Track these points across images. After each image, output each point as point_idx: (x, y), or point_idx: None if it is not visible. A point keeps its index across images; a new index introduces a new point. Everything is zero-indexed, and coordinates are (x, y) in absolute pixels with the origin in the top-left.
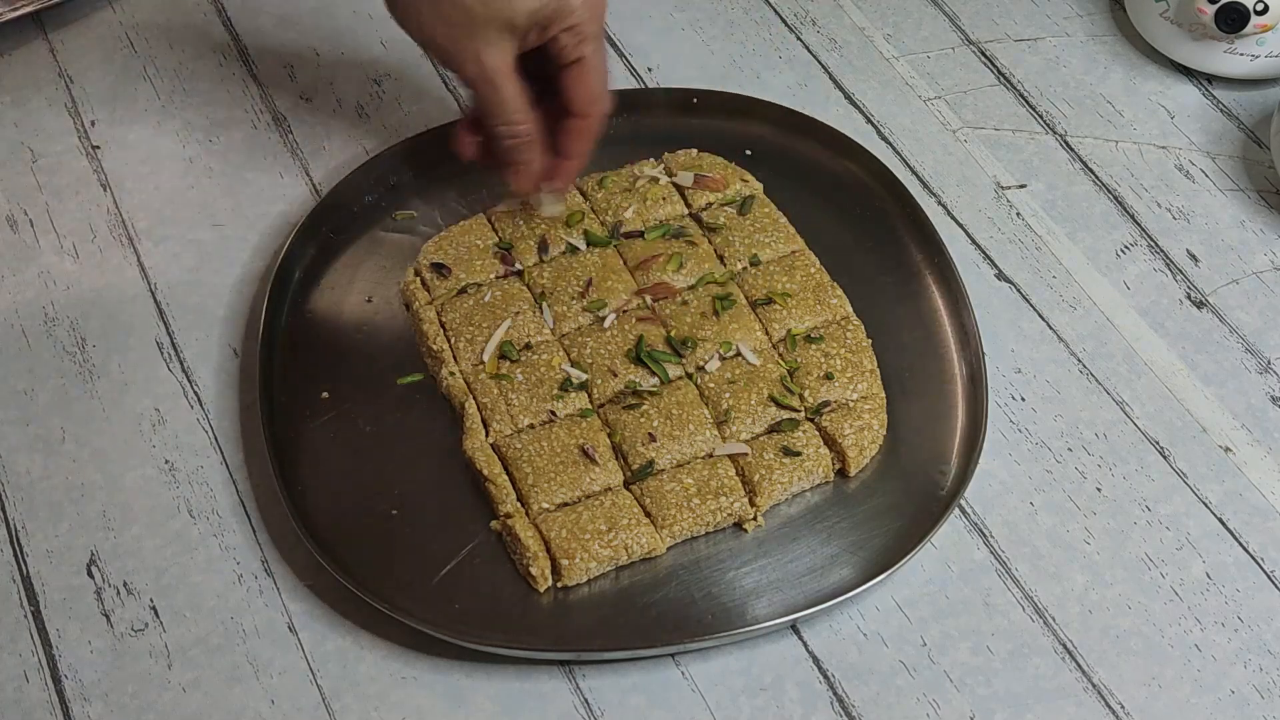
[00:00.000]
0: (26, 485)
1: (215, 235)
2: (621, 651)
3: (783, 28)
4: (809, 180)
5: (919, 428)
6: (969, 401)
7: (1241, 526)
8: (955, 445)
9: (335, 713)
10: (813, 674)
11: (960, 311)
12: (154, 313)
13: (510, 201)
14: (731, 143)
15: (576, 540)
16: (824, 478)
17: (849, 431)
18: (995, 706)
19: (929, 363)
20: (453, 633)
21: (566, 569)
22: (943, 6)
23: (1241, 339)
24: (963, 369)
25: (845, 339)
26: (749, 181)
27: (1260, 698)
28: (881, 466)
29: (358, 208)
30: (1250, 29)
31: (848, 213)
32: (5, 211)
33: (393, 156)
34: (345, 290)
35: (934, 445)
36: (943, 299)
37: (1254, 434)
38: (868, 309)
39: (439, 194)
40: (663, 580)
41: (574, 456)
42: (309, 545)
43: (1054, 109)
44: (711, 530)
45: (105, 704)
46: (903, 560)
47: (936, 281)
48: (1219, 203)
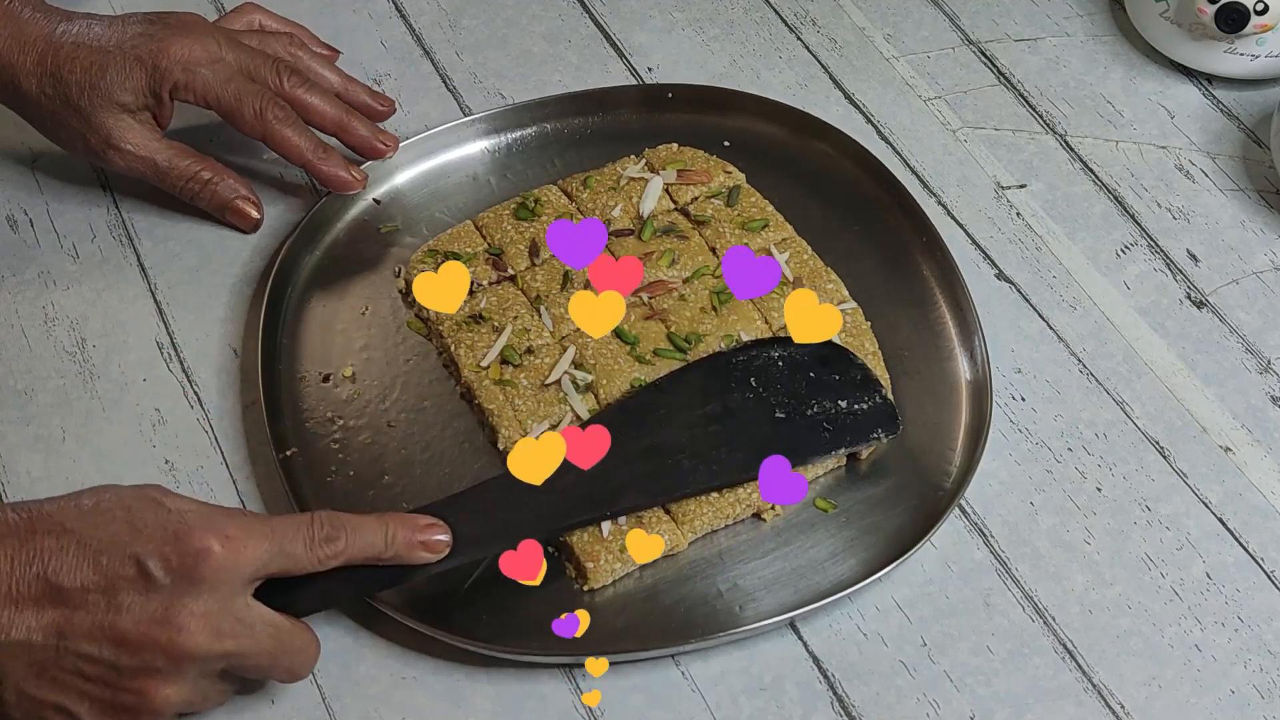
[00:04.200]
0: (27, 485)
1: (215, 235)
2: (627, 654)
3: (783, 28)
4: (789, 168)
5: (923, 418)
6: (973, 397)
7: (1241, 526)
8: (960, 438)
9: (335, 713)
10: (813, 674)
11: (955, 289)
12: (154, 313)
13: (497, 209)
14: (709, 135)
15: (600, 543)
16: (836, 461)
17: None
18: (995, 706)
19: (927, 349)
20: (481, 642)
21: (591, 572)
22: (943, 6)
23: (1241, 339)
24: (965, 360)
25: (844, 323)
26: (731, 173)
27: (1260, 698)
28: (885, 460)
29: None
30: (1250, 29)
31: (830, 197)
32: (5, 211)
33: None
34: (340, 298)
35: (938, 437)
36: (935, 279)
37: (1254, 434)
38: (860, 291)
39: (425, 206)
40: (670, 585)
41: None
42: None
43: (1054, 109)
44: (731, 523)
45: None
46: (906, 555)
47: (927, 260)
48: (1219, 203)
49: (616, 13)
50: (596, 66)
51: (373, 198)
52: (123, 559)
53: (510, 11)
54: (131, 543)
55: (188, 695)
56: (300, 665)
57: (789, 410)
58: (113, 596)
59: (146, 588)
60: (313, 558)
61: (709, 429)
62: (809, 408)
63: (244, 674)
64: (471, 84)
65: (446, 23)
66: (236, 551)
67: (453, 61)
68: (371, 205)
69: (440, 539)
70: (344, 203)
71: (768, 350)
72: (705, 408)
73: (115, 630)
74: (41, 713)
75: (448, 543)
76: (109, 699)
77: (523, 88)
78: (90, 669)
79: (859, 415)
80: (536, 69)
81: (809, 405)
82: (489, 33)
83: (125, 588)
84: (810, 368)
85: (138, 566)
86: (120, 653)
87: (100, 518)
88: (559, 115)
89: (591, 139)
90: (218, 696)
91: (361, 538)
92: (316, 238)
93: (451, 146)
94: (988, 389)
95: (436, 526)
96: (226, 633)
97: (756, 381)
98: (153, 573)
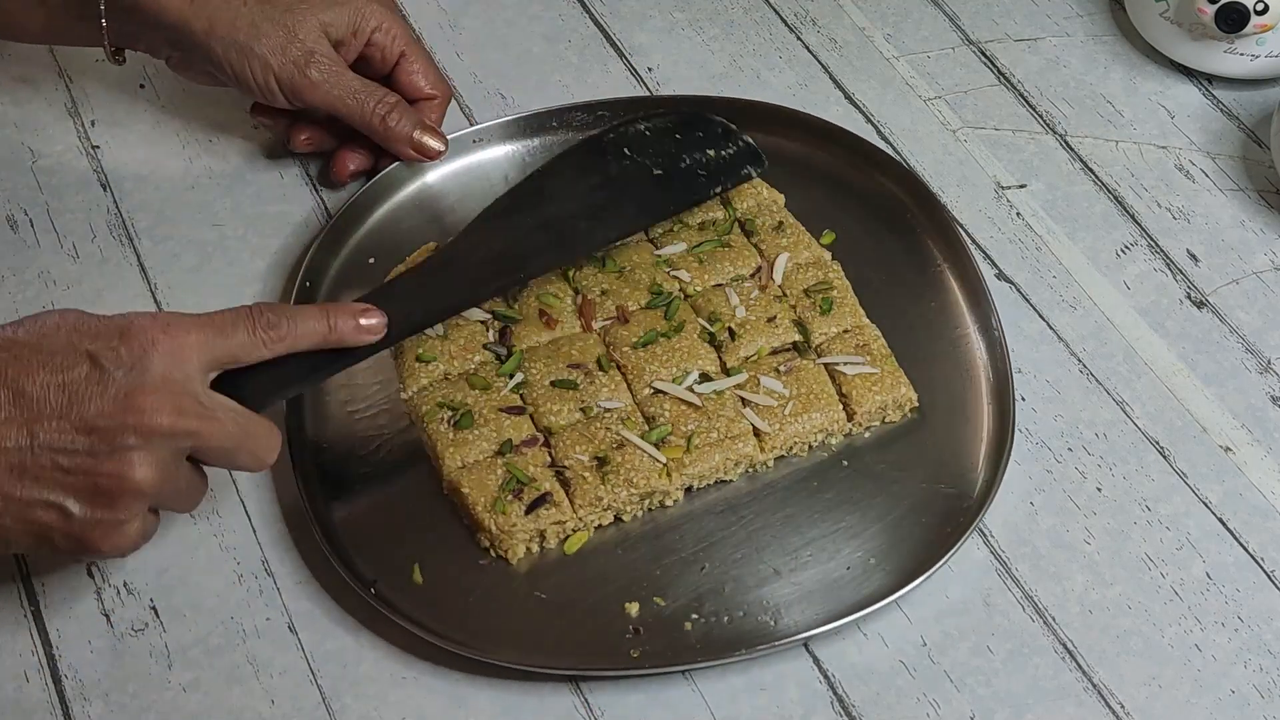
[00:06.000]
0: None
1: (215, 235)
2: (635, 670)
3: (783, 28)
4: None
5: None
6: (995, 405)
7: (1241, 526)
8: (981, 454)
9: (335, 713)
10: (813, 674)
11: (981, 306)
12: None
13: None
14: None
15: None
16: (835, 420)
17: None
18: (995, 706)
19: (950, 358)
20: (483, 650)
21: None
22: (943, 6)
23: (1241, 339)
24: (989, 375)
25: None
26: (772, 191)
27: (1260, 698)
28: (905, 477)
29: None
30: (1250, 29)
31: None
32: (5, 211)
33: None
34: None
35: (958, 450)
36: (965, 299)
37: (1254, 434)
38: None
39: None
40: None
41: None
42: (318, 542)
43: (1054, 109)
44: (724, 478)
45: (105, 704)
46: (923, 576)
47: (956, 278)
48: (1219, 203)
49: (616, 13)
50: (596, 66)
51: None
52: (78, 357)
53: (510, 12)
54: (82, 342)
55: (162, 474)
56: (265, 450)
57: (664, 167)
58: (73, 391)
59: (102, 379)
60: (256, 342)
61: (596, 195)
62: (682, 161)
63: (211, 460)
64: (472, 84)
65: (446, 23)
66: (181, 337)
67: (453, 61)
68: (404, 198)
69: (377, 321)
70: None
71: (634, 124)
72: (588, 180)
73: (81, 420)
74: (29, 513)
75: (384, 324)
76: (89, 485)
77: (523, 88)
78: (66, 460)
79: (728, 159)
80: (536, 69)
81: (681, 159)
82: (489, 33)
83: (82, 381)
84: (675, 130)
85: (90, 361)
86: (91, 439)
87: (49, 328)
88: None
89: None
90: (190, 486)
91: (303, 324)
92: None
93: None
94: (1010, 396)
95: (373, 311)
96: (189, 411)
97: (630, 150)
98: (105, 364)
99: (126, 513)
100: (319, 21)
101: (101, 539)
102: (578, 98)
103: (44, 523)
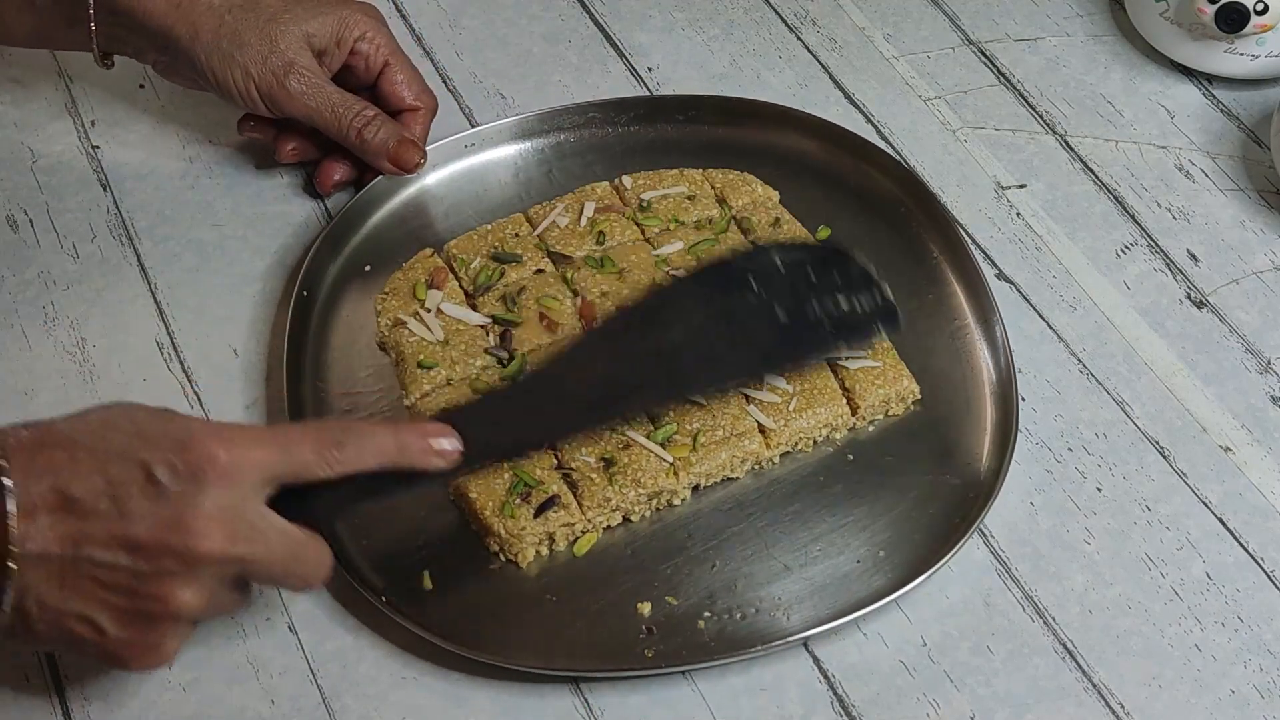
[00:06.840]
0: None
1: (215, 235)
2: (637, 670)
3: (783, 28)
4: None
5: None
6: (997, 394)
7: (1241, 526)
8: (985, 442)
9: (335, 713)
10: (813, 674)
11: (980, 299)
12: (154, 313)
13: (459, 242)
14: (719, 144)
15: (601, 475)
16: (839, 414)
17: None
18: (995, 706)
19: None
20: (484, 652)
21: (586, 493)
22: (943, 6)
23: (1241, 339)
24: (988, 365)
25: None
26: (766, 188)
27: (1260, 698)
28: (910, 454)
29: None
30: (1250, 29)
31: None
32: (5, 211)
33: None
34: (355, 309)
35: (962, 440)
36: (963, 291)
37: (1254, 434)
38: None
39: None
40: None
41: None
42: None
43: (1054, 109)
44: (730, 475)
45: (105, 704)
46: (923, 576)
47: (953, 271)
48: (1219, 203)
49: (616, 13)
50: (596, 66)
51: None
52: (131, 466)
53: (510, 11)
54: (139, 450)
55: (205, 599)
56: (313, 574)
57: (790, 310)
58: (124, 504)
59: (156, 494)
60: (321, 462)
61: (712, 331)
62: (810, 307)
63: (259, 581)
64: (471, 84)
65: (446, 23)
66: (242, 455)
67: (453, 61)
68: (402, 202)
69: (449, 446)
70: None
71: (768, 254)
72: (708, 311)
73: (128, 537)
74: (64, 623)
75: (458, 449)
76: (129, 606)
77: (523, 88)
78: (108, 577)
79: (860, 313)
80: (536, 69)
81: (810, 304)
82: (489, 33)
83: (135, 495)
84: (810, 269)
85: (146, 473)
86: (136, 559)
87: (108, 430)
88: (601, 123)
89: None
90: (233, 604)
91: (372, 443)
92: (336, 253)
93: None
94: (1013, 396)
95: (447, 432)
96: (240, 536)
97: (758, 284)
98: (161, 479)
99: (162, 635)
100: (302, 31)
101: (133, 658)
102: (578, 98)
103: (77, 634)
